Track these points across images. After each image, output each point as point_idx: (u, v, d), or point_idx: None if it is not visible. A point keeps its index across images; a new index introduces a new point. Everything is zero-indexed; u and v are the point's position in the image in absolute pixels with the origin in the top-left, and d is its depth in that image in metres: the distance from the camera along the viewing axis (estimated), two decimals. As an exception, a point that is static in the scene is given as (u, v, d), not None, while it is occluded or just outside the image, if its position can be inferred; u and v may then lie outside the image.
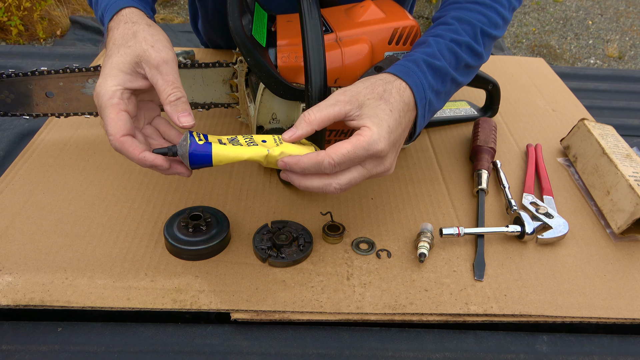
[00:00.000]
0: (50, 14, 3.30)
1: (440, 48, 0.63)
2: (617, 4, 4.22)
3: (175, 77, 0.55)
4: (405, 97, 0.58)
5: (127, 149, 0.53)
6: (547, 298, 0.60)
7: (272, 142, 0.55)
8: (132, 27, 0.58)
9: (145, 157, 0.53)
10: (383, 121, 0.54)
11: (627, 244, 0.69)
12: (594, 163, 0.78)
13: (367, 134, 0.53)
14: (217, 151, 0.53)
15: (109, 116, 0.53)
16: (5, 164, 0.78)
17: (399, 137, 0.57)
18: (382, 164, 0.56)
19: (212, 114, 0.91)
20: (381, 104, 0.55)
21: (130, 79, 0.56)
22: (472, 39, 0.65)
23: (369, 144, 0.52)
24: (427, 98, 0.60)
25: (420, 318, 0.58)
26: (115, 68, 0.55)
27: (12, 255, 0.61)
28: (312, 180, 0.54)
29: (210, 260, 0.62)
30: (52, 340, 0.54)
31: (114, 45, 0.57)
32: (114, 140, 0.53)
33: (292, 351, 0.55)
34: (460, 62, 0.65)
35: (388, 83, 0.58)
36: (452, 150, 0.86)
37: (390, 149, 0.55)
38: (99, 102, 0.54)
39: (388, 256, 0.65)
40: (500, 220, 0.72)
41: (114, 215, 0.68)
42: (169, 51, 0.56)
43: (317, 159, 0.52)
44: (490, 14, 0.67)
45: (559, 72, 1.18)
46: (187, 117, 0.54)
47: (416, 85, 0.59)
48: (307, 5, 0.57)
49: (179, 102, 0.54)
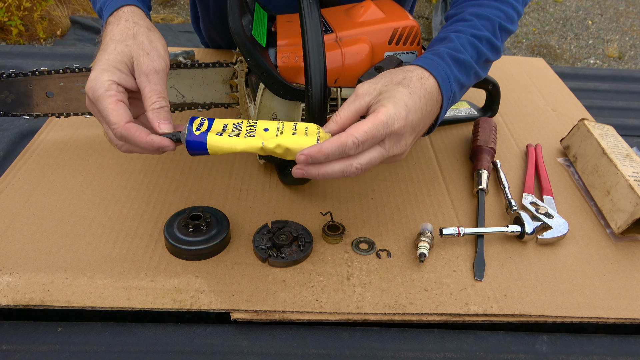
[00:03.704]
0: (51, 14, 3.30)
1: (462, 43, 0.64)
2: (617, 4, 4.21)
3: (162, 88, 0.56)
4: (427, 85, 0.58)
5: (134, 134, 0.53)
6: (547, 298, 0.60)
7: (273, 132, 0.55)
8: (133, 28, 0.59)
9: (152, 140, 0.54)
10: (400, 100, 0.54)
11: (627, 244, 0.69)
12: (594, 163, 0.78)
13: (384, 111, 0.53)
14: (211, 142, 0.53)
15: (108, 107, 0.53)
16: (5, 164, 0.78)
17: (418, 121, 0.57)
18: (399, 142, 0.55)
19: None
20: (399, 87, 0.56)
21: (124, 78, 0.56)
22: (491, 34, 0.66)
23: (388, 119, 0.53)
24: (453, 90, 0.61)
25: (420, 318, 0.58)
26: (112, 65, 0.55)
27: (12, 255, 0.61)
28: (333, 165, 0.53)
29: (210, 260, 0.62)
30: (52, 340, 0.54)
31: (111, 41, 0.58)
32: (119, 127, 0.53)
33: (292, 351, 0.55)
34: (481, 56, 0.66)
35: (409, 71, 0.58)
36: (452, 150, 0.86)
37: (407, 129, 0.55)
38: (95, 95, 0.54)
39: (388, 256, 0.65)
40: (500, 220, 0.72)
41: (114, 215, 0.68)
42: (161, 61, 0.57)
43: (341, 140, 0.51)
44: (506, 9, 0.68)
45: (559, 72, 1.18)
46: (167, 125, 0.55)
47: (442, 77, 0.59)
48: (307, 5, 0.57)
49: (162, 111, 0.55)
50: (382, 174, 0.79)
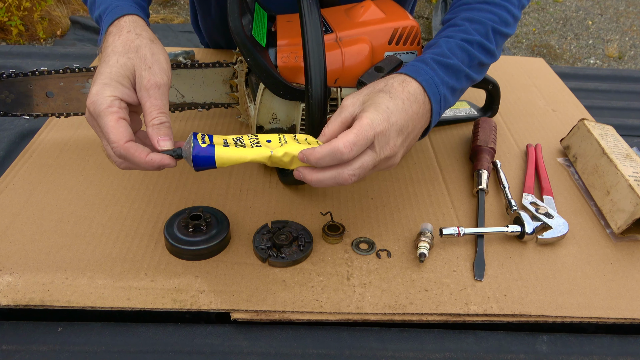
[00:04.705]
0: (51, 14, 3.30)
1: (450, 47, 0.64)
2: (617, 4, 4.22)
3: (163, 103, 0.56)
4: (409, 88, 0.59)
5: (133, 154, 0.53)
6: (547, 298, 0.60)
7: (277, 142, 0.55)
8: (136, 40, 0.58)
9: (152, 159, 0.53)
10: (381, 104, 0.56)
11: (627, 244, 0.69)
12: (594, 163, 0.78)
13: (366, 116, 0.55)
14: (220, 154, 0.53)
15: (109, 124, 0.53)
16: (5, 164, 0.78)
17: (405, 122, 0.57)
18: (387, 143, 0.56)
19: (212, 114, 0.91)
20: (380, 94, 0.57)
21: (127, 93, 0.56)
22: (483, 38, 0.66)
23: (371, 122, 0.54)
24: (442, 93, 0.62)
25: (420, 318, 0.58)
26: (114, 79, 0.55)
27: (12, 255, 0.61)
28: (325, 172, 0.54)
29: (210, 260, 0.62)
30: (52, 340, 0.54)
31: (113, 52, 0.57)
32: (118, 147, 0.52)
33: (292, 351, 0.55)
34: (473, 59, 0.66)
35: (390, 79, 0.60)
36: (452, 150, 0.86)
37: (393, 129, 0.56)
38: (96, 110, 0.54)
39: (388, 256, 0.65)
40: (500, 220, 0.72)
41: (114, 215, 0.68)
42: (163, 75, 0.57)
43: (332, 144, 0.52)
44: (500, 13, 0.68)
45: (559, 72, 1.18)
46: (167, 142, 0.54)
47: (426, 80, 0.60)
48: (307, 5, 0.57)
49: (162, 127, 0.54)
50: (382, 174, 0.79)
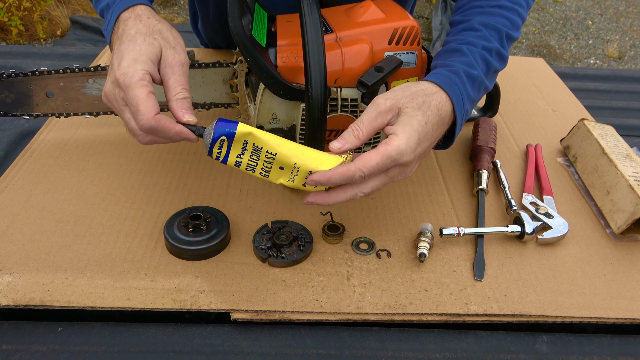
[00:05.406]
0: (51, 14, 3.30)
1: (475, 57, 0.64)
2: (617, 4, 4.22)
3: (185, 80, 0.58)
4: (443, 111, 0.59)
5: (164, 125, 0.54)
6: (547, 298, 0.60)
7: (288, 172, 0.55)
8: (157, 25, 0.60)
9: (182, 129, 0.55)
10: (414, 132, 0.55)
11: (627, 244, 0.69)
12: (594, 163, 0.78)
13: (395, 144, 0.54)
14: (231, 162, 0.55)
15: (140, 96, 0.53)
16: (5, 164, 0.78)
17: (426, 150, 0.59)
18: (404, 171, 0.58)
19: (212, 114, 0.91)
20: (418, 114, 0.56)
21: (154, 70, 0.57)
22: (499, 45, 0.66)
23: (397, 154, 0.54)
24: (465, 109, 0.63)
25: (420, 318, 0.58)
26: (145, 55, 0.56)
27: (12, 255, 0.61)
28: (339, 194, 0.56)
29: (210, 260, 0.62)
30: (52, 340, 0.54)
31: (138, 33, 0.58)
32: (148, 119, 0.53)
33: (292, 351, 0.55)
34: (490, 68, 0.66)
35: (429, 95, 0.58)
36: (452, 150, 0.86)
37: (415, 159, 0.57)
38: (126, 82, 0.54)
39: (388, 256, 0.65)
40: (500, 220, 0.72)
41: (114, 215, 0.68)
42: (185, 55, 0.59)
43: (348, 173, 0.53)
44: (512, 17, 0.68)
45: (559, 72, 1.18)
46: (191, 115, 0.56)
47: (456, 97, 0.60)
48: (307, 5, 0.57)
49: (185, 101, 0.56)
50: (382, 174, 0.79)
